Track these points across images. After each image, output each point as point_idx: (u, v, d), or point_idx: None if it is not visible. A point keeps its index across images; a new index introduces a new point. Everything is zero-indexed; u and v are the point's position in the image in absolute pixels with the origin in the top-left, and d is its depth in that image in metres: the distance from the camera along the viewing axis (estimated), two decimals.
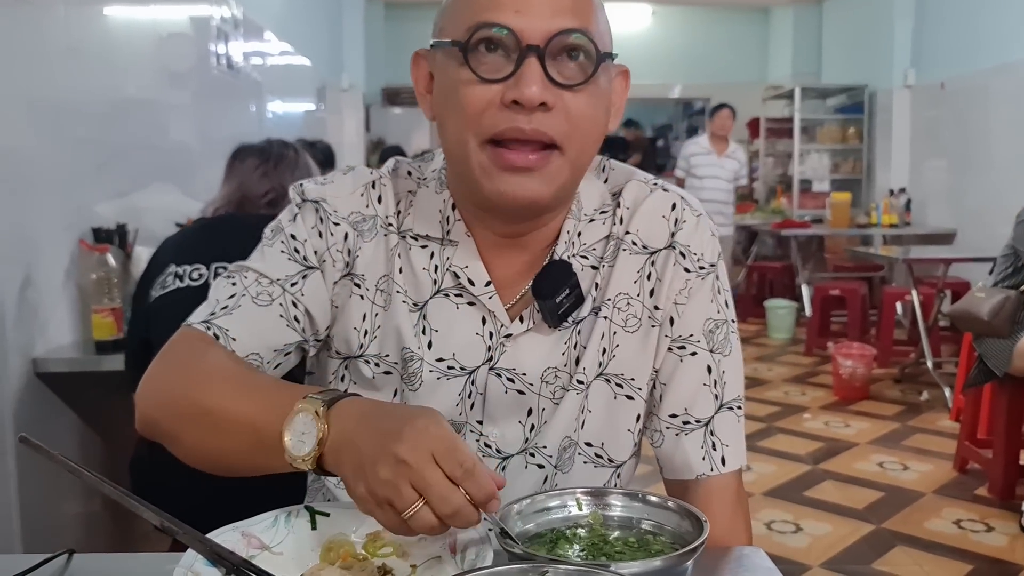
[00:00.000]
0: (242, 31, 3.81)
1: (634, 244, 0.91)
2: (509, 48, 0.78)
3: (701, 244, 0.91)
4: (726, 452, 0.90)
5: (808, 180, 7.76)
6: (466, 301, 0.89)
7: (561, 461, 0.91)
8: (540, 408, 0.90)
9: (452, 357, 0.89)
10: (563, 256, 0.89)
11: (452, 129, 0.82)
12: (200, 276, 1.63)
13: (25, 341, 1.92)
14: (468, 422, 0.90)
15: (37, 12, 2.00)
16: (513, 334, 0.88)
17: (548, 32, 0.77)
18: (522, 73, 0.77)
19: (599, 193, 0.93)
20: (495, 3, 0.78)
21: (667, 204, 0.92)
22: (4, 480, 1.82)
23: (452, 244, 0.89)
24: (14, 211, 1.86)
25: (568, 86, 0.78)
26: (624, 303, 0.90)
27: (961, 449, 3.44)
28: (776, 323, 6.25)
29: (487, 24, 0.77)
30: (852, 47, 8.04)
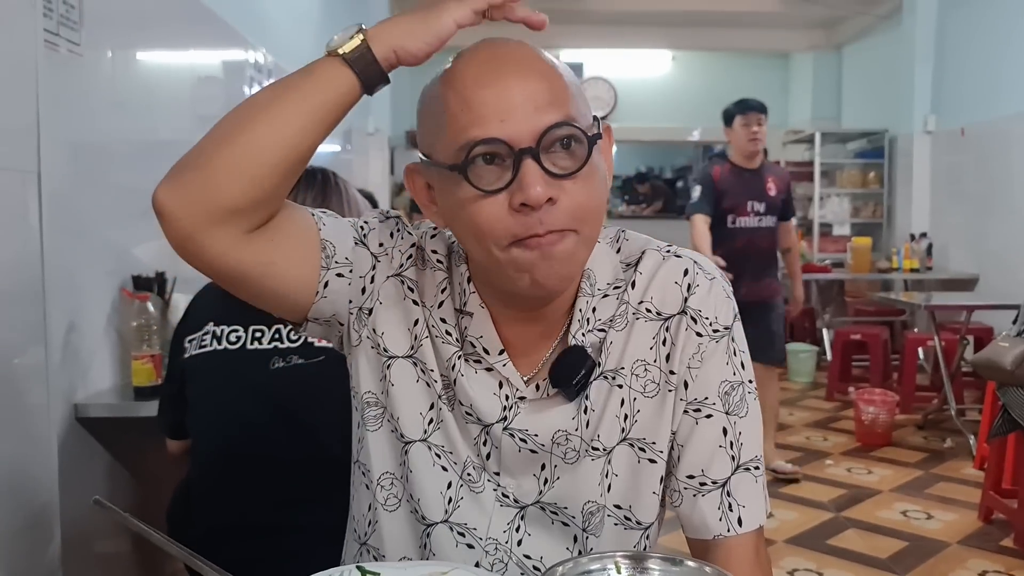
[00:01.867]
0: (273, 77, 3.92)
1: (648, 311, 0.94)
2: (504, 156, 0.81)
3: (715, 308, 0.93)
4: (743, 513, 0.92)
5: (828, 224, 7.78)
6: (484, 367, 0.93)
7: (591, 525, 0.94)
8: (552, 465, 0.93)
9: (471, 407, 0.93)
10: (578, 334, 0.92)
11: (470, 241, 0.86)
12: (238, 339, 1.66)
13: (67, 386, 1.98)
14: (486, 470, 0.94)
15: (87, 65, 2.09)
16: (528, 398, 0.93)
17: (536, 132, 0.80)
18: (522, 176, 0.80)
19: (612, 267, 0.96)
20: (478, 118, 0.81)
21: (680, 270, 0.94)
22: (48, 523, 1.86)
23: (468, 315, 0.93)
24: (62, 256, 1.92)
25: (567, 175, 0.82)
26: (642, 369, 0.93)
27: (986, 499, 3.42)
28: (797, 367, 6.24)
29: (478, 141, 0.81)
30: (872, 92, 8.10)
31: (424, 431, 0.95)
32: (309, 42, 4.90)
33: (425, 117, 0.88)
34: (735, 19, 8.37)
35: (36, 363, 1.84)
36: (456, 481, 0.94)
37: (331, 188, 1.82)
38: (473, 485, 0.94)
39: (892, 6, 7.31)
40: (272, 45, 3.91)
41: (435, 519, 0.95)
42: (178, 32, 2.82)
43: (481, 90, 0.82)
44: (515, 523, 0.94)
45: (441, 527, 0.94)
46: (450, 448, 0.94)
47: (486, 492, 0.94)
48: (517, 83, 0.82)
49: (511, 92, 0.81)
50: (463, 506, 0.94)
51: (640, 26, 8.51)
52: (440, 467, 0.95)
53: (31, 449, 1.83)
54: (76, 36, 2.01)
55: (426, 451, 0.95)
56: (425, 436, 0.95)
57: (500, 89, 0.81)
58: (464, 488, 0.94)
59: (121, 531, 2.21)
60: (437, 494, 0.94)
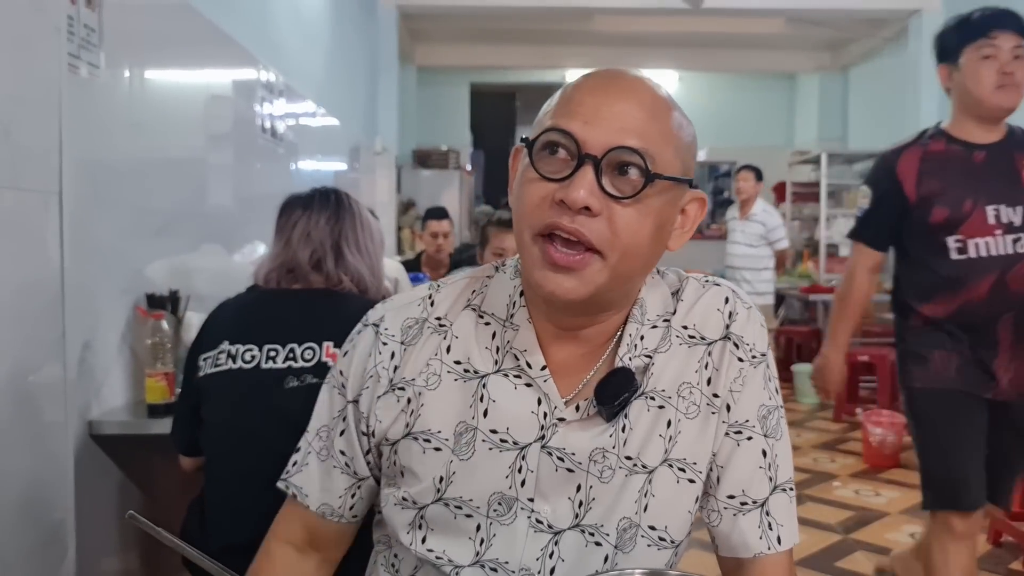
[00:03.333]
0: (284, 97, 3.96)
1: (692, 337, 0.97)
2: (571, 154, 0.85)
3: (753, 335, 0.98)
4: (781, 531, 0.96)
5: (835, 244, 7.78)
6: (524, 382, 0.94)
7: (622, 542, 0.95)
8: (588, 485, 0.94)
9: (506, 431, 0.94)
10: (625, 359, 0.95)
11: (516, 219, 0.90)
12: (253, 358, 1.67)
13: (82, 403, 2.00)
14: (519, 499, 0.94)
15: (106, 86, 2.12)
16: (567, 419, 0.94)
17: (606, 145, 0.84)
18: (575, 178, 0.84)
19: (663, 299, 0.99)
20: (570, 112, 0.86)
21: (721, 298, 0.99)
22: (62, 539, 1.87)
23: (514, 328, 0.95)
24: (80, 275, 1.95)
25: (616, 197, 0.85)
26: (687, 391, 0.96)
27: (994, 522, 3.41)
28: (804, 388, 6.23)
29: (555, 129, 0.86)
30: (878, 114, 8.14)
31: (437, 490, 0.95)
32: (319, 62, 4.95)
33: (542, 110, 0.93)
34: (741, 41, 8.43)
35: (54, 380, 1.86)
36: (484, 522, 0.95)
37: (344, 209, 1.84)
38: (502, 519, 0.95)
39: (898, 28, 7.36)
40: (283, 66, 3.96)
41: (464, 563, 0.95)
42: (192, 53, 2.86)
43: (586, 95, 0.87)
44: (548, 549, 0.94)
45: (470, 570, 0.95)
46: (469, 496, 0.94)
47: (518, 521, 0.94)
48: (617, 102, 0.86)
49: (607, 105, 0.86)
50: (495, 543, 0.95)
51: (647, 47, 8.58)
52: (464, 516, 0.95)
53: (48, 464, 1.85)
54: (96, 58, 2.04)
55: (443, 508, 0.96)
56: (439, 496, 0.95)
57: (600, 100, 0.86)
58: (494, 525, 0.95)
59: (135, 548, 2.22)
60: (466, 540, 0.95)
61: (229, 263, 3.07)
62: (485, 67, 9.30)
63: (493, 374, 0.95)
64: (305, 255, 1.77)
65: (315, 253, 1.77)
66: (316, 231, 1.79)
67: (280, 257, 1.79)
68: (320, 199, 1.84)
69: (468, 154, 9.37)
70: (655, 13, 7.21)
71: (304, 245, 1.78)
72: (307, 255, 1.77)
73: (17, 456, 1.73)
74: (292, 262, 1.78)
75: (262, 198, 3.32)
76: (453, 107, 9.73)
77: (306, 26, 4.63)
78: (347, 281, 1.78)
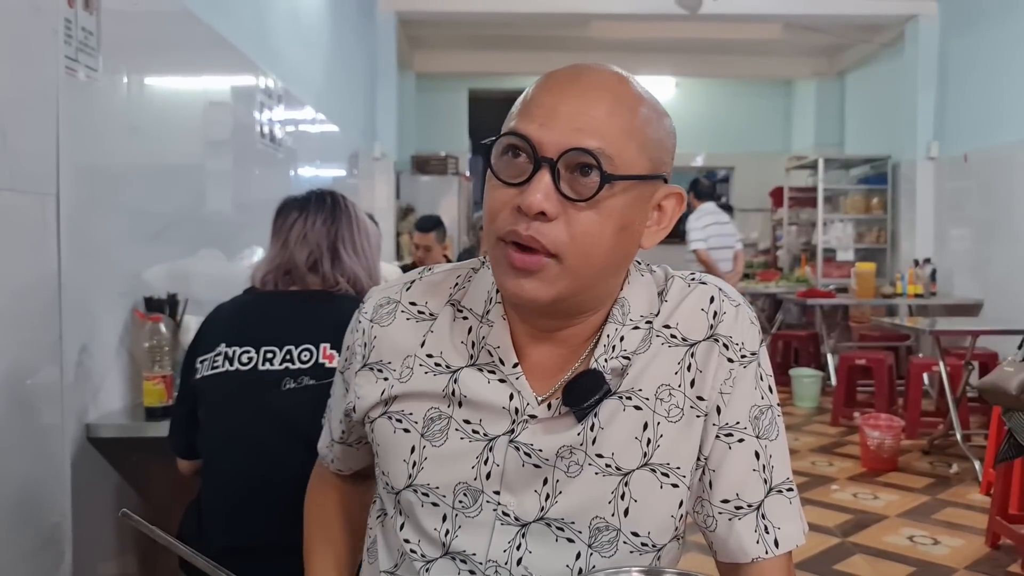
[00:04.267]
0: (283, 103, 3.97)
1: (673, 337, 0.94)
2: (529, 158, 0.84)
3: (742, 333, 0.95)
4: (778, 534, 0.94)
5: (832, 249, 7.80)
6: (497, 378, 0.94)
7: (598, 543, 0.93)
8: (555, 479, 0.93)
9: (479, 422, 0.94)
10: (601, 359, 0.92)
11: (484, 224, 0.89)
12: (249, 360, 1.68)
13: (80, 406, 2.00)
14: (484, 491, 0.94)
15: (104, 90, 2.13)
16: (538, 416, 0.93)
17: (561, 147, 0.82)
18: (531, 183, 0.82)
19: (648, 299, 0.97)
20: (528, 114, 0.85)
21: (706, 297, 0.96)
22: (59, 542, 1.88)
23: (489, 324, 0.95)
24: (78, 278, 1.95)
25: (573, 200, 0.83)
26: (666, 394, 0.93)
27: (993, 524, 3.41)
28: (802, 392, 6.24)
29: (512, 133, 0.85)
30: (875, 119, 8.17)
31: (409, 475, 0.96)
32: (318, 69, 4.97)
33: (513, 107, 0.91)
34: (738, 46, 8.45)
35: (51, 383, 1.86)
36: (450, 513, 0.95)
37: (340, 211, 1.84)
38: (468, 511, 0.94)
39: (894, 34, 7.39)
40: (282, 71, 3.97)
41: (435, 555, 0.96)
42: (191, 58, 2.86)
43: (545, 94, 0.86)
44: (516, 541, 0.94)
45: (442, 561, 0.95)
46: (436, 484, 0.95)
47: (483, 514, 0.94)
48: (576, 101, 0.84)
49: (564, 105, 0.84)
50: (460, 535, 0.95)
51: (644, 53, 8.60)
52: (431, 504, 0.96)
53: (45, 467, 1.85)
54: (94, 62, 2.05)
55: (412, 495, 0.96)
56: (410, 482, 0.96)
57: (558, 99, 0.84)
58: (460, 517, 0.95)
59: (131, 550, 2.22)
60: (432, 531, 0.95)
61: (228, 267, 3.08)
62: (483, 73, 9.32)
63: (467, 367, 0.95)
64: (302, 257, 1.77)
65: (312, 255, 1.78)
66: (312, 233, 1.79)
67: (277, 259, 1.79)
68: (316, 201, 1.84)
69: (467, 160, 9.38)
70: (652, 19, 7.23)
71: (301, 247, 1.78)
72: (304, 257, 1.77)
73: (14, 459, 1.73)
74: (289, 264, 1.78)
75: (261, 203, 3.32)
76: (452, 113, 9.75)
77: (305, 32, 4.64)
78: (343, 283, 1.78)
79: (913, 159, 6.95)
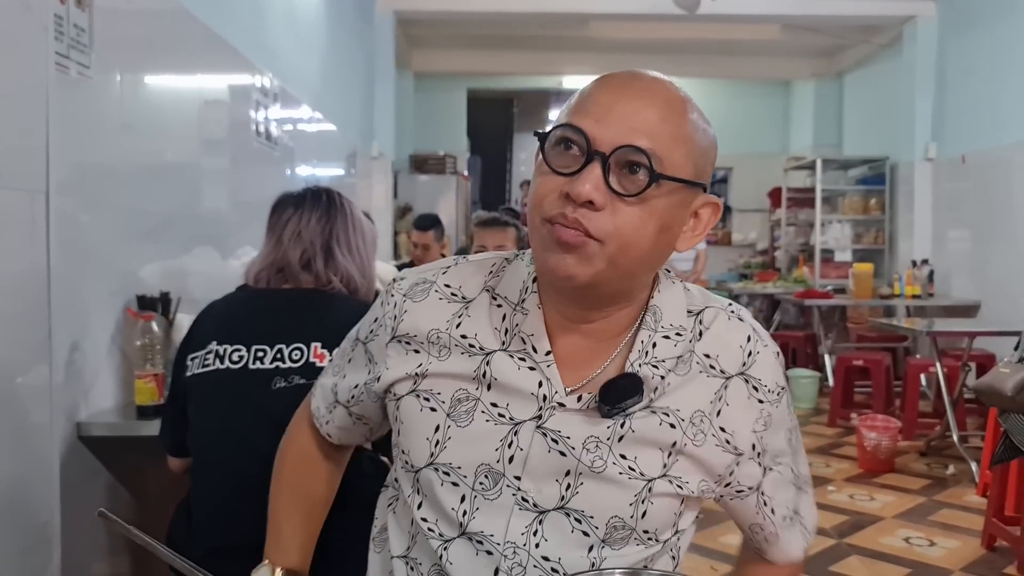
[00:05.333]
0: (280, 102, 3.96)
1: (712, 368, 0.98)
2: (582, 150, 0.87)
3: (772, 374, 1.01)
4: (808, 524, 1.12)
5: (830, 250, 7.80)
6: (528, 365, 0.96)
7: (612, 539, 0.96)
8: (578, 472, 0.95)
9: (506, 407, 0.96)
10: (635, 364, 0.95)
11: (529, 209, 0.92)
12: (240, 359, 1.67)
13: (70, 404, 1.99)
14: (505, 475, 0.96)
15: (96, 87, 2.12)
16: (567, 405, 0.95)
17: (615, 143, 0.86)
18: (582, 173, 0.86)
19: (681, 311, 1.00)
20: (584, 110, 0.89)
21: (744, 335, 1.01)
22: (48, 541, 1.87)
23: (523, 312, 0.98)
24: (68, 276, 1.94)
25: (620, 195, 0.86)
26: (699, 419, 0.97)
27: (989, 526, 3.41)
28: (799, 392, 6.23)
29: (568, 125, 0.88)
30: (873, 120, 8.16)
31: (431, 454, 0.98)
32: (316, 68, 4.96)
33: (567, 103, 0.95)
34: (737, 47, 8.45)
35: (40, 381, 1.85)
36: (469, 494, 0.97)
37: (336, 208, 1.83)
38: (487, 493, 0.96)
39: (893, 35, 7.38)
40: (278, 70, 3.96)
41: (453, 535, 0.97)
42: (186, 56, 2.85)
43: (602, 93, 0.90)
44: (533, 527, 0.96)
45: (460, 541, 0.97)
46: (459, 464, 0.97)
47: (503, 497, 0.96)
48: (631, 102, 0.88)
49: (621, 104, 0.88)
50: (478, 516, 0.96)
51: (643, 53, 8.59)
52: (451, 483, 0.97)
53: (33, 467, 1.84)
54: (86, 59, 2.04)
55: (433, 473, 0.98)
56: (431, 460, 0.98)
57: (615, 99, 0.89)
58: (479, 498, 0.97)
59: (121, 550, 2.21)
60: (450, 511, 0.97)
61: (222, 266, 3.07)
62: (482, 73, 9.32)
63: (499, 351, 0.97)
64: (295, 255, 1.76)
65: (305, 253, 1.76)
66: (307, 230, 1.77)
67: (270, 256, 1.78)
68: (312, 198, 1.83)
69: (465, 159, 9.38)
70: (651, 19, 7.23)
71: (294, 244, 1.76)
72: (297, 255, 1.76)
73: (2, 458, 1.72)
74: (282, 261, 1.76)
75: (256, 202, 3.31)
76: (450, 112, 9.74)
77: (302, 31, 4.63)
78: (336, 282, 1.77)
79: (911, 160, 6.94)
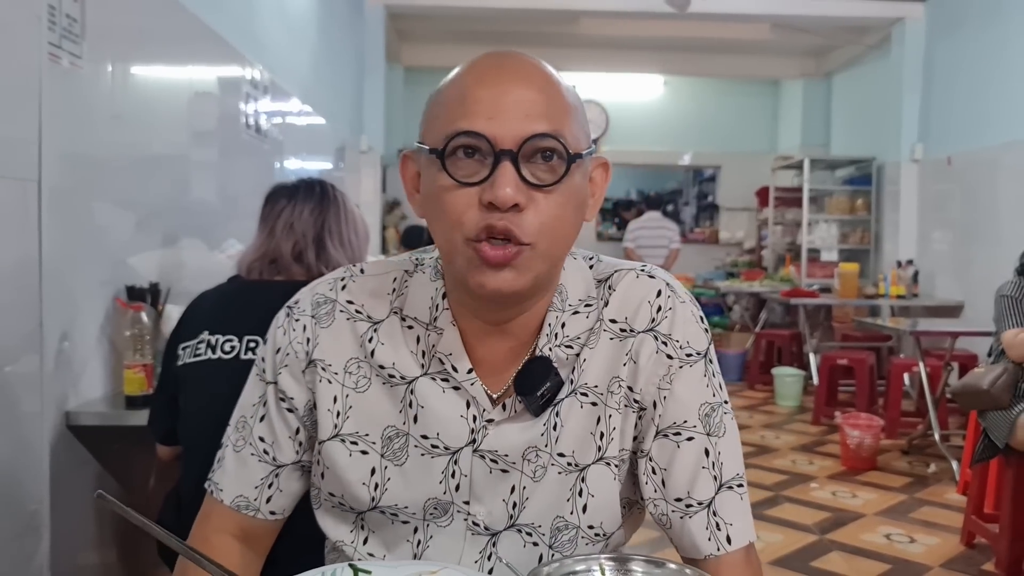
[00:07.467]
0: (269, 94, 3.96)
1: (622, 331, 0.94)
2: (484, 153, 0.82)
3: (685, 332, 0.94)
4: (730, 531, 0.93)
5: (816, 249, 7.85)
6: (451, 386, 0.93)
7: (558, 542, 0.95)
8: (522, 486, 0.93)
9: (436, 436, 0.92)
10: (545, 348, 0.92)
11: (439, 229, 0.86)
12: (232, 349, 1.67)
13: (59, 394, 1.99)
14: (454, 502, 0.93)
15: (87, 77, 2.12)
16: (495, 419, 0.93)
17: (520, 137, 0.81)
18: (496, 176, 0.81)
19: (584, 283, 0.96)
20: (469, 111, 0.82)
21: (653, 290, 0.95)
22: (37, 530, 1.87)
23: (438, 332, 0.93)
24: (59, 265, 1.94)
25: (540, 187, 0.82)
26: (616, 386, 0.94)
27: (968, 523, 3.45)
28: (784, 391, 6.28)
29: (462, 132, 0.82)
30: (860, 120, 8.22)
31: (372, 498, 0.95)
32: (305, 60, 4.95)
33: (428, 108, 0.90)
34: (727, 46, 8.48)
35: (31, 371, 1.86)
36: (421, 525, 0.95)
37: (329, 201, 1.84)
38: (439, 521, 0.95)
39: (881, 36, 7.43)
40: (269, 62, 3.96)
41: None
42: (177, 48, 2.85)
43: (478, 89, 0.84)
44: (487, 551, 0.95)
45: None
46: (405, 504, 0.94)
47: (455, 523, 0.94)
48: (513, 88, 0.83)
49: (505, 95, 0.83)
50: (432, 545, 0.95)
51: (633, 51, 8.62)
52: (401, 521, 0.95)
53: (22, 455, 1.85)
54: (78, 49, 2.04)
55: (379, 515, 0.95)
56: (374, 504, 0.95)
57: (496, 91, 0.83)
58: (431, 527, 0.95)
59: (110, 538, 2.22)
60: (404, 543, 0.96)
61: (210, 258, 3.07)
62: None
63: (421, 377, 0.93)
64: (287, 246, 1.77)
65: (297, 245, 1.77)
66: (299, 222, 1.78)
67: (263, 247, 1.79)
68: (305, 190, 1.84)
69: None
70: (641, 17, 7.24)
71: (287, 236, 1.78)
72: (289, 247, 1.77)
73: None
74: (275, 253, 1.77)
75: (245, 194, 3.32)
76: None
77: (293, 24, 4.63)
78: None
79: (897, 161, 6.99)
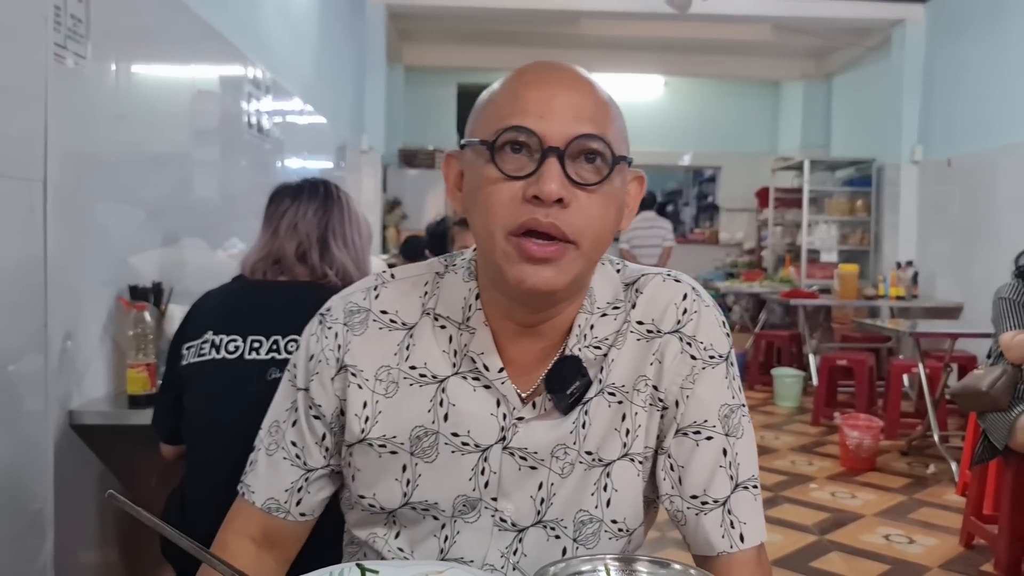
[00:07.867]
0: (271, 94, 3.96)
1: (649, 332, 0.97)
2: (532, 149, 0.85)
3: (708, 335, 0.97)
4: (744, 529, 0.95)
5: (816, 250, 7.86)
6: (482, 384, 0.95)
7: (582, 536, 0.96)
8: (549, 482, 0.96)
9: (467, 434, 0.95)
10: (575, 349, 0.95)
11: (481, 222, 0.89)
12: (236, 349, 1.68)
13: (63, 393, 2.00)
14: (483, 499, 0.96)
15: (92, 77, 2.12)
16: (525, 417, 0.95)
17: (568, 136, 0.85)
18: (543, 171, 0.84)
19: (612, 287, 0.99)
20: (521, 109, 0.86)
21: (679, 293, 0.99)
22: (41, 528, 1.88)
23: (470, 331, 0.95)
24: (64, 265, 1.95)
25: (584, 185, 0.86)
26: (643, 385, 0.96)
27: (967, 524, 3.46)
28: (783, 391, 6.29)
29: (513, 127, 0.86)
30: (860, 122, 8.23)
31: (404, 494, 0.97)
32: (307, 60, 4.96)
33: (475, 111, 0.93)
34: (727, 47, 8.48)
35: (35, 370, 1.86)
36: (449, 522, 0.97)
37: (333, 201, 1.84)
38: (467, 517, 0.96)
39: (881, 38, 7.44)
40: (270, 61, 3.96)
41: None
42: (179, 47, 2.86)
43: (529, 90, 0.88)
44: (513, 546, 0.96)
45: None
46: (435, 500, 0.96)
47: (482, 520, 0.96)
48: (562, 92, 0.87)
49: (555, 97, 0.87)
50: (459, 540, 0.97)
51: (633, 51, 8.62)
52: (431, 517, 0.97)
53: (26, 454, 1.85)
54: (83, 49, 2.05)
55: (411, 511, 0.97)
56: (406, 500, 0.97)
57: (546, 92, 0.87)
58: (459, 523, 0.97)
59: (114, 537, 2.23)
60: (431, 538, 0.97)
61: (212, 257, 3.07)
62: (472, 68, 9.31)
63: (452, 377, 0.96)
64: (291, 247, 1.77)
65: (301, 245, 1.77)
66: (303, 223, 1.79)
67: (267, 248, 1.79)
68: (309, 190, 1.84)
69: None
70: (642, 18, 7.25)
71: (291, 236, 1.78)
72: (293, 247, 1.77)
73: None
74: (278, 253, 1.78)
75: (247, 194, 3.32)
76: (440, 107, 9.73)
77: (294, 23, 4.63)
78: (331, 275, 1.78)
79: (897, 162, 7.00)
